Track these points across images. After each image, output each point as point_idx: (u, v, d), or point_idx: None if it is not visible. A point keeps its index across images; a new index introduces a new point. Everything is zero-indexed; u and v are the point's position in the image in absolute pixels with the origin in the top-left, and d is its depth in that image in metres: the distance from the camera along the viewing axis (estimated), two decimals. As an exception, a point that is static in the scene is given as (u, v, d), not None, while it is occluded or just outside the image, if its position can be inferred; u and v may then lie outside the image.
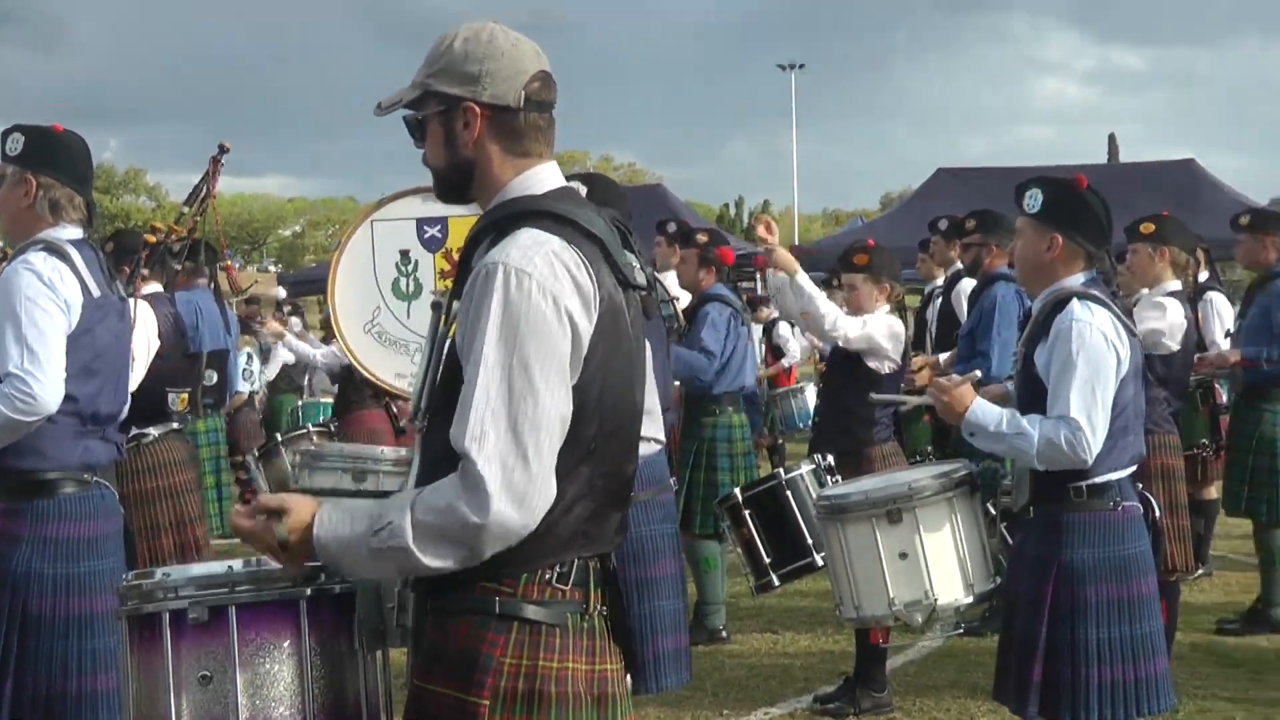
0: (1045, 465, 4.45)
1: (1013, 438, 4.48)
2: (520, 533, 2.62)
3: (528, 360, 2.62)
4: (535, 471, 2.61)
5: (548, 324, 2.64)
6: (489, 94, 2.82)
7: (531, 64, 2.87)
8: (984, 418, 4.55)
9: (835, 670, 7.30)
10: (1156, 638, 4.55)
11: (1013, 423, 4.49)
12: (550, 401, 2.63)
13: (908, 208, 27.71)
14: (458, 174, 2.90)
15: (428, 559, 2.62)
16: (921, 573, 4.85)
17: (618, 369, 2.78)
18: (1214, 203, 23.46)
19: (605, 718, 2.77)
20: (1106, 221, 4.71)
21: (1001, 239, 8.16)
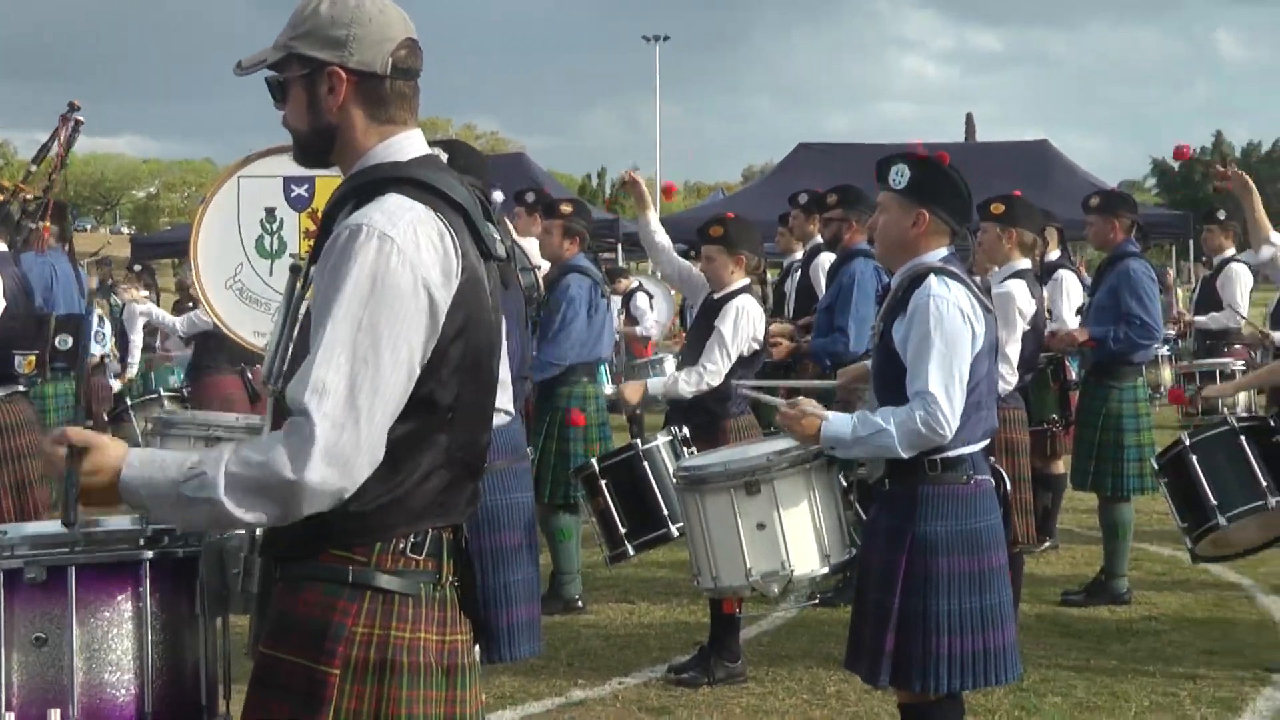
0: (911, 452, 4.49)
1: (872, 438, 4.51)
2: (338, 495, 2.58)
3: (377, 326, 2.59)
4: (364, 436, 2.57)
5: (403, 293, 2.62)
6: (355, 60, 2.79)
7: (399, 31, 2.84)
8: (839, 430, 4.59)
9: (690, 640, 7.33)
10: (1005, 609, 4.63)
11: (867, 424, 4.53)
12: (391, 370, 2.60)
13: (769, 181, 27.84)
14: (319, 138, 2.86)
15: (239, 512, 2.56)
16: (778, 544, 4.88)
17: (476, 339, 2.75)
18: (1067, 183, 23.88)
19: (454, 688, 2.77)
20: (968, 199, 4.78)
21: (862, 215, 8.24)
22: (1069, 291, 9.39)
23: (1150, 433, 8.40)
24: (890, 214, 4.74)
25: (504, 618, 5.43)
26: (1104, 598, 8.30)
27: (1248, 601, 8.35)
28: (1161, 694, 6.53)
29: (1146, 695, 6.51)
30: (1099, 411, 8.31)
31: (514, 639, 5.51)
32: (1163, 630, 7.71)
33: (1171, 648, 7.35)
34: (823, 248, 9.08)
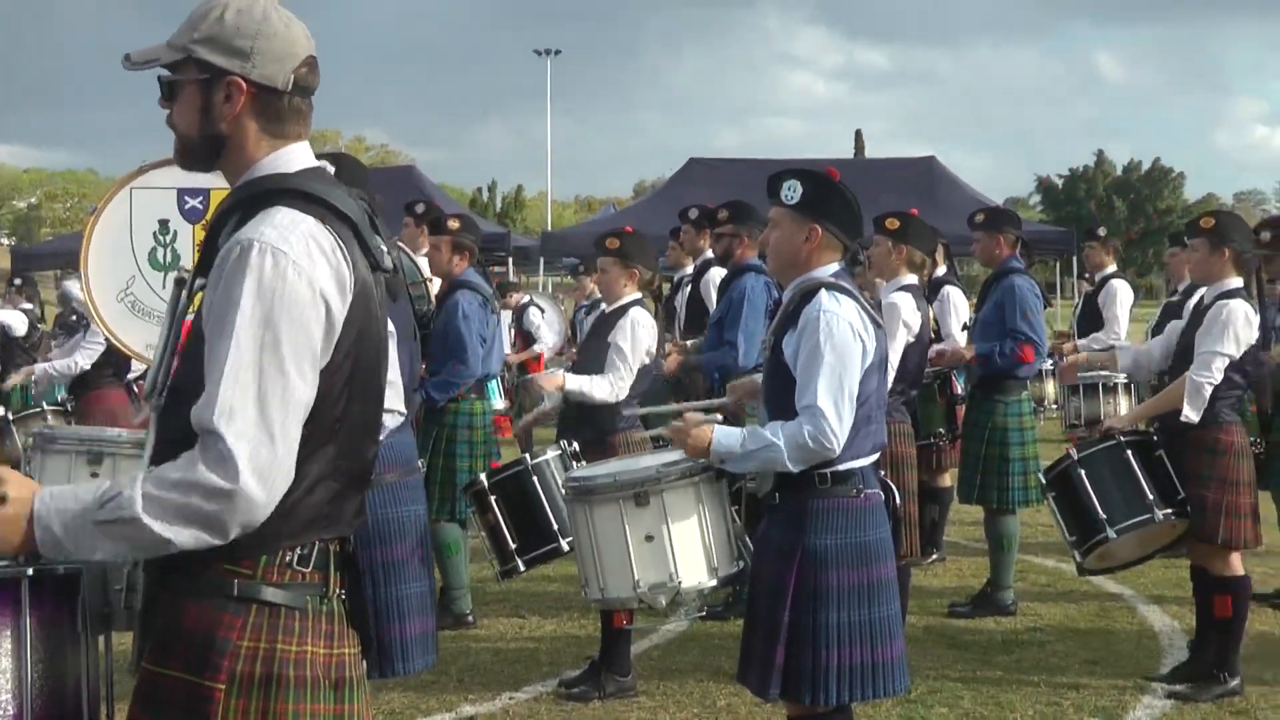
0: (799, 466, 4.52)
1: (762, 452, 4.53)
2: (263, 512, 2.57)
3: (280, 340, 2.57)
4: (280, 452, 2.56)
5: (301, 305, 2.60)
6: (258, 73, 2.77)
7: (302, 48, 2.83)
8: (729, 444, 4.60)
9: (581, 654, 7.31)
10: (894, 621, 4.66)
11: (756, 437, 4.55)
12: (299, 382, 2.59)
13: (660, 196, 27.95)
14: (206, 145, 2.83)
15: (161, 530, 2.53)
16: (667, 555, 4.88)
17: (366, 352, 2.74)
18: (953, 200, 24.22)
19: (342, 701, 2.75)
20: (859, 214, 4.83)
21: (753, 230, 8.29)
22: (956, 307, 9.52)
23: (1035, 446, 8.53)
24: (782, 229, 4.77)
25: (397, 631, 5.39)
26: (990, 609, 8.41)
27: (1129, 612, 8.50)
28: (1045, 703, 6.62)
29: (1031, 705, 6.59)
30: (985, 425, 8.43)
31: (408, 653, 5.47)
32: (1047, 641, 7.82)
33: (1055, 658, 7.46)
34: (713, 262, 9.11)
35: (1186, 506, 6.61)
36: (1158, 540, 6.91)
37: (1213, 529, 6.61)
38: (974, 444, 8.48)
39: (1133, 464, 6.68)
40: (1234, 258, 6.75)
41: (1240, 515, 6.64)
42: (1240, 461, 6.69)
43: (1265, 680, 6.94)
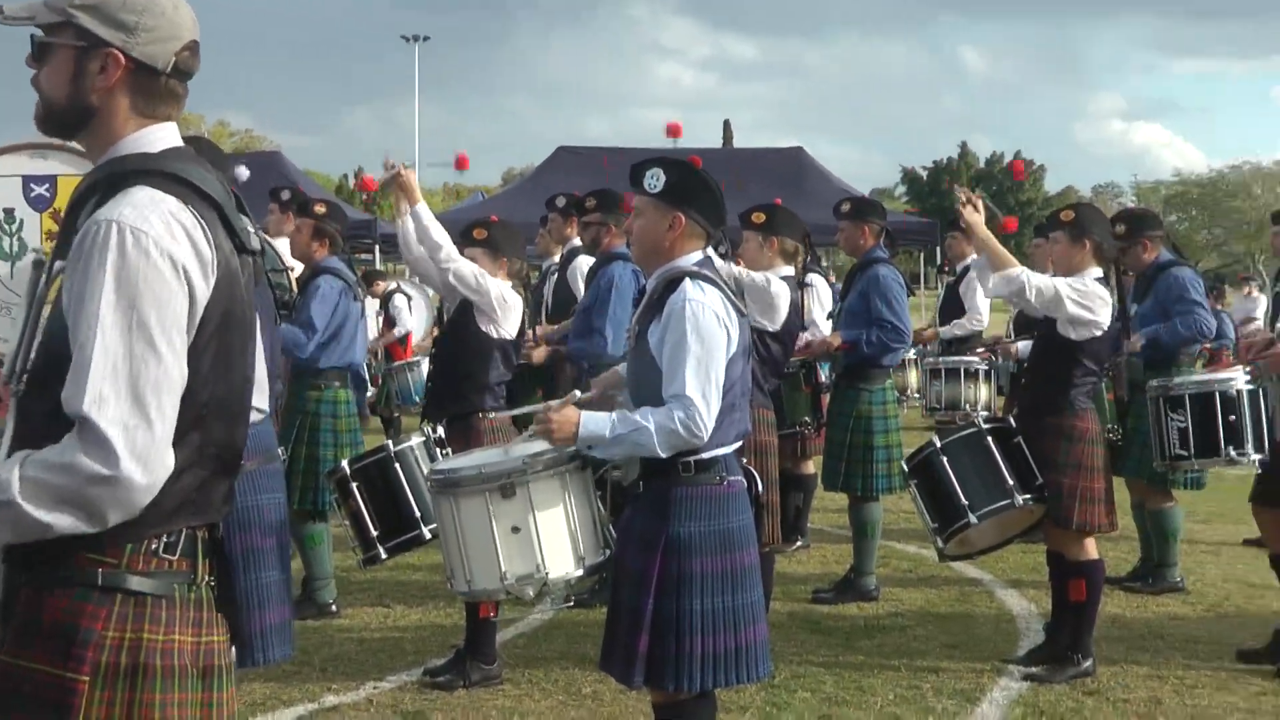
0: (668, 452, 4.52)
1: (631, 436, 4.52)
2: (145, 497, 2.53)
3: (147, 321, 2.53)
4: (158, 434, 2.53)
5: (166, 284, 2.56)
6: (140, 50, 2.72)
7: (188, 31, 2.79)
8: (597, 429, 4.59)
9: (446, 643, 7.28)
10: (757, 607, 4.70)
11: (626, 422, 4.54)
12: (171, 362, 2.56)
13: (529, 184, 27.86)
14: (73, 115, 2.77)
15: (40, 515, 2.49)
16: (534, 546, 4.87)
17: (232, 335, 2.71)
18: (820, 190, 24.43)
19: (210, 690, 2.72)
20: (722, 202, 4.85)
21: (620, 218, 8.30)
22: (820, 296, 9.61)
23: (898, 434, 8.65)
24: (646, 218, 4.77)
25: (256, 621, 5.33)
26: (853, 595, 8.51)
27: (988, 596, 8.66)
28: (906, 687, 6.72)
29: (892, 689, 6.69)
30: (850, 414, 8.53)
31: (267, 642, 5.42)
32: (908, 625, 7.94)
33: (916, 642, 7.57)
34: (580, 251, 9.11)
35: (1044, 492, 6.75)
36: (1016, 525, 7.04)
37: (1068, 514, 6.75)
38: (838, 432, 8.58)
39: (993, 451, 6.80)
40: (1094, 249, 6.91)
41: (1095, 501, 6.79)
42: (1095, 448, 6.84)
43: (1116, 660, 7.12)
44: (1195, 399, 7.61)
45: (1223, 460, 7.62)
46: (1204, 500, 11.09)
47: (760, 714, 6.30)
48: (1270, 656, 7.03)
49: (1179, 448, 7.65)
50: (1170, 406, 7.67)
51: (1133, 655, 7.27)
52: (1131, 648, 7.42)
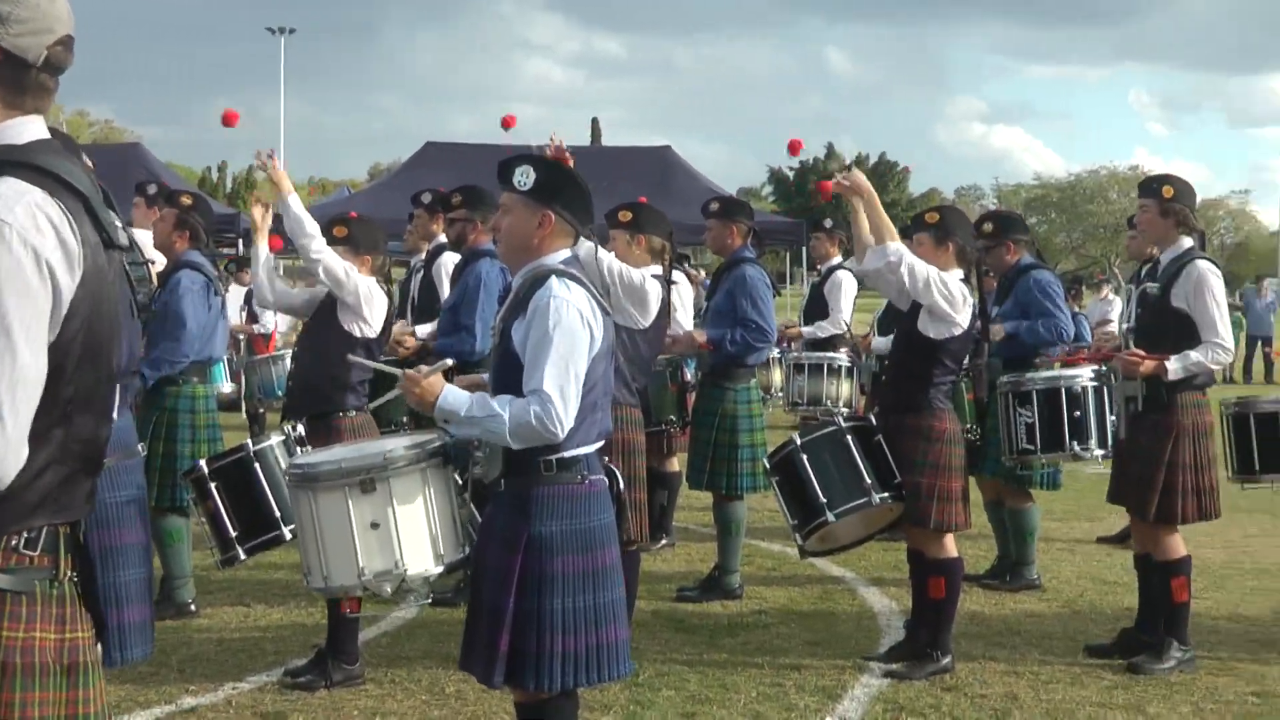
0: (519, 444, 4.51)
1: (485, 420, 4.50)
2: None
3: (6, 315, 2.48)
4: (10, 432, 2.48)
5: (28, 278, 2.51)
6: (10, 41, 2.65)
7: (63, 25, 2.73)
8: (454, 404, 4.55)
9: (307, 643, 7.20)
10: (618, 606, 4.70)
11: (483, 405, 4.52)
12: (30, 359, 2.50)
13: (396, 180, 27.68)
14: None
15: None
16: (393, 543, 4.83)
17: (99, 330, 2.66)
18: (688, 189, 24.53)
19: (76, 687, 2.67)
20: (590, 201, 4.85)
21: (487, 215, 8.26)
22: (682, 294, 9.64)
23: (763, 433, 8.70)
24: (515, 215, 4.75)
25: (115, 618, 5.22)
26: (717, 593, 8.56)
27: (850, 594, 8.75)
28: (769, 684, 6.76)
29: (755, 686, 6.73)
30: (715, 413, 8.57)
31: (126, 641, 5.32)
32: (771, 623, 8.00)
33: (779, 640, 7.63)
34: (447, 247, 9.06)
35: (902, 491, 6.84)
36: (876, 523, 7.13)
37: (926, 513, 6.84)
38: (703, 430, 8.61)
39: (852, 449, 6.87)
40: (957, 251, 7.02)
41: (953, 500, 6.90)
42: (953, 448, 6.94)
43: (975, 657, 7.23)
44: (1042, 394, 7.77)
45: (1067, 455, 7.79)
46: (1060, 499, 11.31)
47: (624, 713, 6.31)
48: (1120, 651, 7.20)
49: (1025, 442, 7.80)
50: (1019, 401, 7.81)
51: (990, 651, 7.39)
52: (989, 644, 7.55)
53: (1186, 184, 7.18)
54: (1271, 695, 6.68)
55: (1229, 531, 10.66)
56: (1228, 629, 7.94)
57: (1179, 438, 6.96)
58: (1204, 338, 6.92)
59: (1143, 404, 7.05)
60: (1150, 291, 7.17)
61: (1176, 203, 7.09)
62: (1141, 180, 7.47)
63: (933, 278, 6.80)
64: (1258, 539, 10.74)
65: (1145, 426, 7.05)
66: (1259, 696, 6.66)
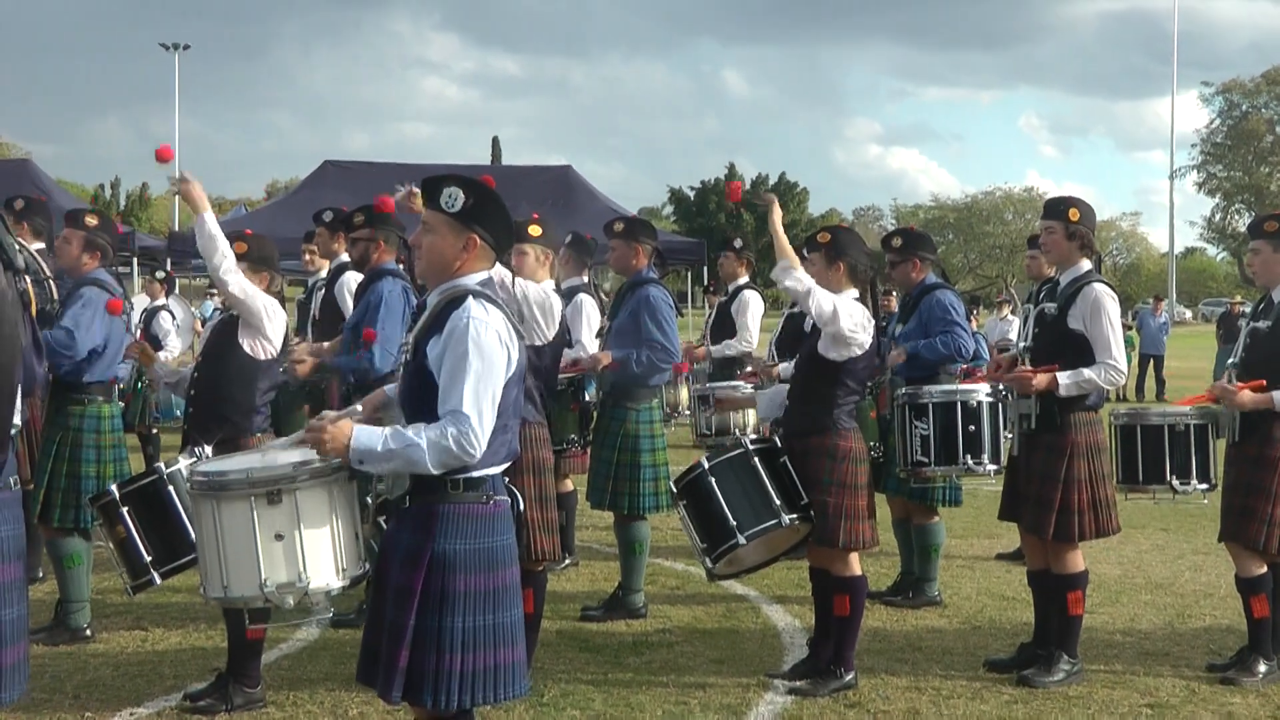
0: (439, 469, 4.50)
1: (404, 451, 4.47)
2: None
3: None
4: None
5: None
6: None
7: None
8: (369, 443, 4.51)
9: (207, 666, 7.11)
10: (517, 626, 4.70)
11: (399, 437, 4.49)
12: None
13: (294, 198, 27.48)
14: None
15: None
16: (297, 555, 4.79)
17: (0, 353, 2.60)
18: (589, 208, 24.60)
19: None
20: (511, 225, 4.86)
21: (389, 234, 8.25)
22: (588, 315, 9.64)
23: (665, 453, 8.73)
24: (439, 235, 4.73)
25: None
26: (621, 612, 8.56)
27: (754, 612, 8.78)
28: (674, 703, 6.77)
29: (660, 705, 6.74)
30: (617, 433, 8.58)
31: (5, 682, 5.16)
32: (675, 642, 8.01)
33: (684, 658, 7.64)
34: (348, 266, 9.00)
35: (810, 511, 6.88)
36: (784, 544, 7.17)
37: (833, 532, 6.89)
38: (605, 450, 8.62)
39: (759, 471, 6.91)
40: (849, 270, 7.09)
41: (859, 518, 6.96)
42: (859, 466, 7.01)
43: (878, 672, 7.30)
44: (938, 408, 7.84)
45: (960, 468, 7.88)
46: (960, 516, 11.44)
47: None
48: (1019, 665, 7.29)
49: (920, 454, 7.87)
50: (915, 414, 7.89)
51: (892, 667, 7.46)
52: (892, 660, 7.61)
53: (1089, 207, 7.32)
54: (1164, 706, 6.80)
55: (1124, 548, 10.84)
56: (1122, 643, 8.07)
57: (1073, 456, 7.08)
58: (1098, 358, 7.04)
59: (1036, 423, 7.16)
60: (1048, 312, 7.28)
61: (1081, 225, 7.22)
62: (1047, 201, 7.59)
63: (839, 308, 6.87)
64: (1151, 554, 10.92)
65: (1040, 445, 7.17)
66: (1152, 708, 6.78)
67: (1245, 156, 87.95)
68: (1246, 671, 7.19)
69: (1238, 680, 7.14)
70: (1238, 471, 7.22)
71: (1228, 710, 6.76)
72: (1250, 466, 7.15)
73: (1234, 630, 8.04)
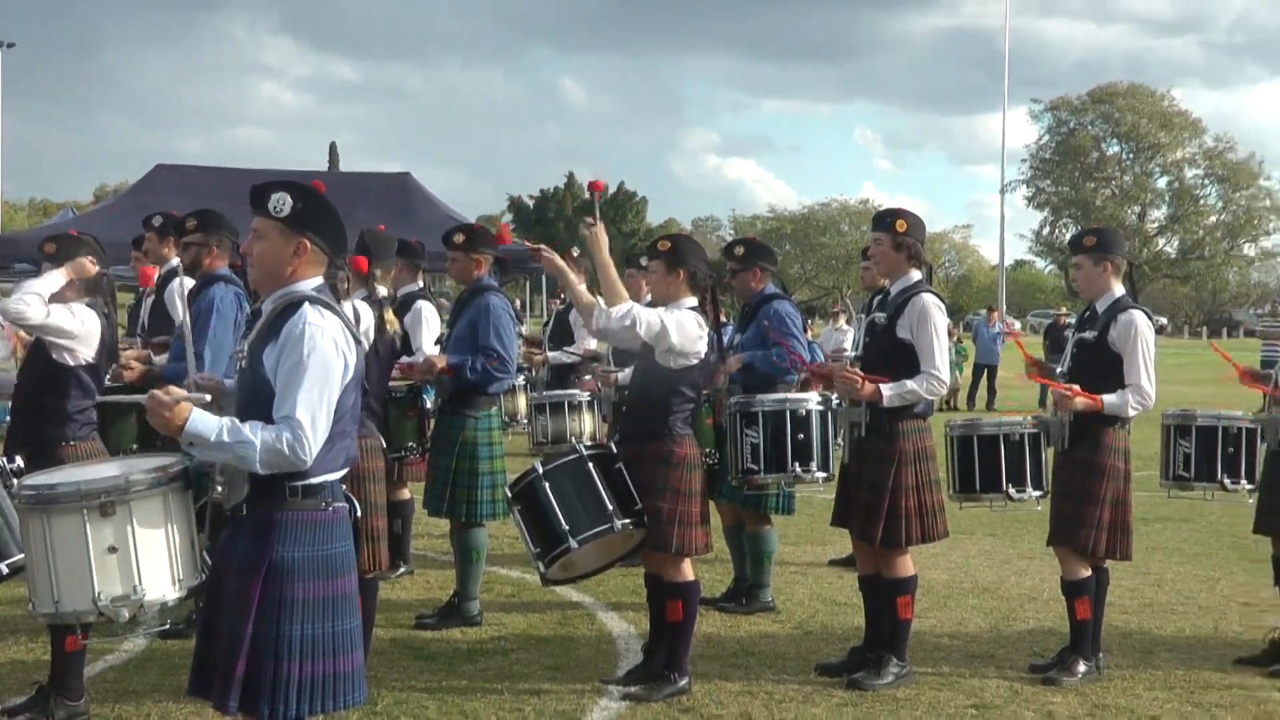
0: (267, 470, 4.45)
1: (235, 445, 4.42)
2: None
3: None
4: None
5: None
6: None
7: None
8: (203, 429, 4.46)
9: (27, 679, 6.94)
10: (355, 634, 4.67)
11: (233, 431, 4.44)
12: None
13: (125, 202, 26.93)
14: None
15: None
16: (131, 567, 4.71)
17: None
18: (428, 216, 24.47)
19: None
20: (343, 229, 4.82)
21: (222, 239, 8.14)
22: (427, 321, 9.60)
23: (502, 460, 8.71)
24: (269, 242, 4.68)
25: None
26: (456, 620, 8.54)
27: (589, 618, 8.81)
28: (509, 710, 6.77)
29: (494, 712, 6.73)
30: (455, 440, 8.55)
31: None
32: (511, 650, 8.01)
33: (519, 666, 7.65)
34: (179, 271, 8.85)
35: (644, 517, 6.94)
36: (618, 549, 7.21)
37: (667, 538, 6.95)
38: (443, 458, 8.58)
39: (594, 476, 6.95)
40: (688, 278, 7.16)
41: (693, 524, 7.03)
42: (693, 473, 7.08)
43: (711, 678, 7.38)
44: (769, 416, 7.93)
45: (789, 476, 7.98)
46: (793, 523, 11.59)
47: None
48: (850, 669, 7.42)
49: (751, 461, 7.96)
50: (746, 422, 7.98)
51: (726, 672, 7.54)
52: (725, 665, 7.70)
53: (918, 218, 7.48)
54: (988, 707, 6.98)
55: (953, 553, 11.09)
56: (950, 645, 8.25)
57: (902, 463, 7.24)
58: (922, 368, 7.20)
59: (866, 430, 7.31)
60: (878, 321, 7.43)
61: (908, 236, 7.38)
62: (875, 214, 7.74)
63: (666, 323, 6.93)
64: (979, 559, 11.18)
65: (869, 453, 7.31)
66: (977, 709, 6.96)
67: (1072, 172, 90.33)
68: (1067, 671, 7.40)
69: (1058, 680, 7.35)
70: (1067, 478, 7.43)
71: (1048, 709, 6.95)
72: (1079, 473, 7.36)
73: (1056, 632, 8.27)
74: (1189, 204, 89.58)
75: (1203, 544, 12.01)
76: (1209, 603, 9.59)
